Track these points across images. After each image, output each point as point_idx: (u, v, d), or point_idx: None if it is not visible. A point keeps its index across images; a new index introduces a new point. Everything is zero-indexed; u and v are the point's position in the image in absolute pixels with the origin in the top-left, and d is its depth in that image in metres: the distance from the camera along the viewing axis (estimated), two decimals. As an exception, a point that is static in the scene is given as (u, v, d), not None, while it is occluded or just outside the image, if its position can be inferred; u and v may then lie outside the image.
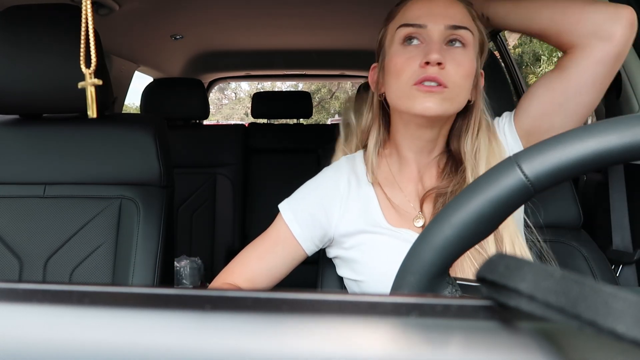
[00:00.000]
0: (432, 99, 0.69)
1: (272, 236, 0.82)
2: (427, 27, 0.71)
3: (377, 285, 0.74)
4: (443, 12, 0.72)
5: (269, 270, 0.80)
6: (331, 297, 0.23)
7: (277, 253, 0.80)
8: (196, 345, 0.18)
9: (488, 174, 0.37)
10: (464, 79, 0.71)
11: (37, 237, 1.04)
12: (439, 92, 0.69)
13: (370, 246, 0.76)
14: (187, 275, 1.89)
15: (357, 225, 0.78)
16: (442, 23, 0.71)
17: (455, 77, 0.70)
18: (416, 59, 0.70)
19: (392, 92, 0.74)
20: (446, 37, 0.71)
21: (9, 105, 1.03)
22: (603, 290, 0.19)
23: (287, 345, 0.19)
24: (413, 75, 0.70)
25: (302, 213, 0.80)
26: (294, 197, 0.83)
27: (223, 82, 3.51)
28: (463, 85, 0.71)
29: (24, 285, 0.22)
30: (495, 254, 0.24)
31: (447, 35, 0.71)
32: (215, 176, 2.20)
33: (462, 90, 0.72)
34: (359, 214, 0.78)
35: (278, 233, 0.81)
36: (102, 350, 0.18)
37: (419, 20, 0.72)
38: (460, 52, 0.71)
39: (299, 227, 0.80)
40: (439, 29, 0.71)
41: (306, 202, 0.81)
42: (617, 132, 0.34)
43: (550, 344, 0.19)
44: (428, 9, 0.73)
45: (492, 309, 0.22)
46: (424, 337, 0.20)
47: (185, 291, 0.23)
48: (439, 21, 0.71)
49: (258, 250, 0.81)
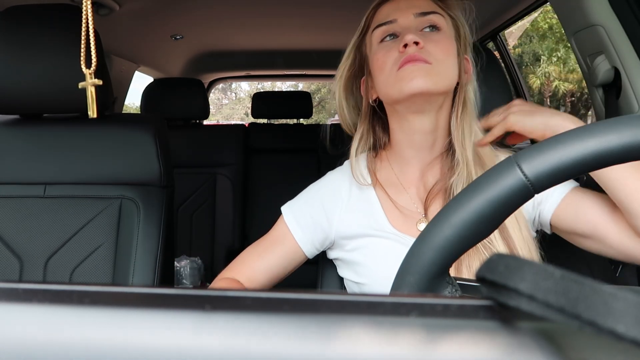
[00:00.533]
0: (419, 74, 0.70)
1: (273, 237, 0.82)
2: (397, 20, 0.75)
3: (379, 289, 0.74)
4: (408, 4, 0.76)
5: (268, 269, 0.80)
6: (331, 297, 0.23)
7: (277, 253, 0.80)
8: (196, 345, 0.19)
9: (488, 174, 0.37)
10: (445, 55, 0.72)
11: (38, 237, 1.04)
12: (423, 65, 0.70)
13: (373, 250, 0.76)
14: (187, 275, 1.89)
15: (359, 228, 0.78)
16: (410, 13, 0.75)
17: (435, 53, 0.71)
18: (395, 49, 0.73)
19: (381, 87, 0.76)
20: (418, 25, 0.74)
21: (9, 105, 1.03)
22: (603, 290, 0.19)
23: (287, 345, 0.19)
24: (395, 62, 0.72)
25: (303, 217, 0.81)
26: (296, 200, 0.84)
27: (223, 82, 3.51)
28: (445, 61, 0.72)
29: (24, 285, 0.22)
30: (495, 254, 0.24)
31: (418, 23, 0.74)
32: (215, 176, 2.20)
33: (447, 66, 0.73)
34: (362, 217, 0.78)
35: (279, 234, 0.82)
36: (102, 350, 0.18)
37: (388, 17, 0.76)
38: (436, 34, 0.74)
39: (300, 230, 0.80)
40: (408, 19, 0.75)
41: (308, 205, 0.82)
42: (617, 132, 0.34)
43: (550, 344, 0.19)
44: (395, 6, 0.77)
45: (492, 308, 0.22)
46: (424, 337, 0.20)
47: (185, 291, 0.23)
48: (406, 12, 0.75)
49: (259, 250, 0.82)
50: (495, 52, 2.10)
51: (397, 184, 0.80)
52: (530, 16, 1.74)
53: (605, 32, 1.00)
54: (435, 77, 0.71)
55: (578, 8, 1.03)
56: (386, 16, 0.76)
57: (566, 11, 1.11)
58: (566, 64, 10.13)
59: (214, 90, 3.52)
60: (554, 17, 8.51)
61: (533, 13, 1.69)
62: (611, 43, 1.00)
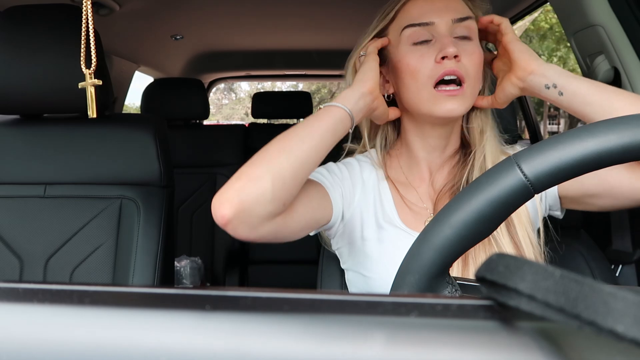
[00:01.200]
0: (455, 101, 0.69)
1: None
2: (434, 23, 0.70)
3: (383, 284, 0.73)
4: (444, 6, 0.71)
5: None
6: (331, 297, 0.23)
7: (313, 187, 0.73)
8: (196, 345, 0.19)
9: (488, 174, 0.37)
10: (477, 69, 0.71)
11: (38, 237, 1.04)
12: (461, 94, 0.69)
13: (381, 243, 0.75)
14: (187, 275, 1.89)
15: (371, 216, 0.77)
16: (448, 17, 0.70)
17: (470, 69, 0.70)
18: (430, 56, 0.70)
19: (409, 93, 0.73)
20: (453, 32, 0.71)
21: (10, 105, 1.03)
22: (603, 290, 0.19)
23: (288, 345, 0.19)
24: (431, 73, 0.69)
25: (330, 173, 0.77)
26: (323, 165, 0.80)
27: (223, 82, 3.51)
28: (477, 76, 0.72)
29: (24, 285, 0.22)
30: (495, 254, 0.24)
31: (454, 28, 0.71)
32: (215, 176, 2.20)
33: (477, 81, 0.72)
34: (374, 207, 0.77)
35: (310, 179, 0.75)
36: (102, 350, 0.18)
37: (424, 18, 0.71)
38: (469, 44, 0.71)
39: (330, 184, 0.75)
40: (446, 24, 0.70)
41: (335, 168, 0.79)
42: (617, 132, 0.34)
43: (550, 344, 0.19)
44: (430, 6, 0.72)
45: (492, 308, 0.22)
46: (424, 337, 0.20)
47: (185, 291, 0.23)
48: (444, 16, 0.70)
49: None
50: (495, 52, 2.10)
51: (405, 182, 0.79)
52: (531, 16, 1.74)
53: (605, 32, 1.00)
54: (468, 100, 0.70)
55: (578, 8, 1.03)
56: (421, 15, 0.71)
57: (566, 11, 1.11)
58: (566, 64, 10.14)
59: (214, 90, 3.52)
60: (554, 16, 8.52)
61: (533, 13, 1.69)
62: (611, 43, 1.00)
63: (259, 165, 0.61)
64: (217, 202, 0.60)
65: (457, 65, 0.68)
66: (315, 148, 0.64)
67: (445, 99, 0.69)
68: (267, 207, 0.60)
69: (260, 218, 0.61)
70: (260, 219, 0.61)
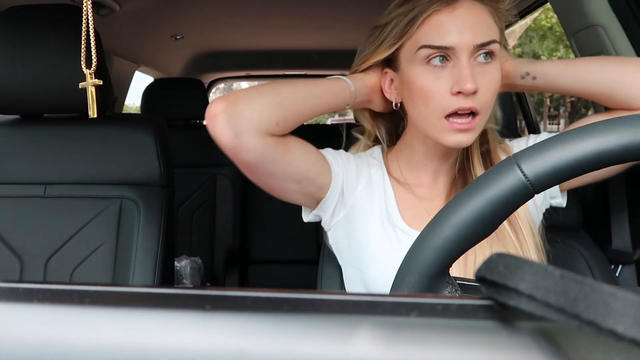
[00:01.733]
0: (465, 135, 0.67)
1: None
2: (455, 49, 0.65)
3: (381, 283, 0.73)
4: (468, 26, 0.65)
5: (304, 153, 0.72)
6: (331, 297, 0.23)
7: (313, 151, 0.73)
8: (196, 345, 0.19)
9: (488, 174, 0.37)
10: (494, 95, 0.68)
11: (38, 237, 1.04)
12: (472, 127, 0.66)
13: (383, 242, 0.75)
14: (187, 275, 1.89)
15: (376, 214, 0.76)
16: (470, 42, 0.64)
17: (487, 99, 0.66)
18: (445, 83, 0.65)
19: (418, 114, 0.70)
20: (474, 54, 0.66)
21: (10, 105, 1.03)
22: (603, 290, 0.19)
23: (288, 345, 0.19)
24: (444, 104, 0.65)
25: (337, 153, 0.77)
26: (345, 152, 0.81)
27: (223, 82, 3.51)
28: (491, 101, 0.68)
29: (24, 285, 0.22)
30: (495, 254, 0.24)
31: (475, 52, 0.66)
32: (215, 176, 2.20)
33: (490, 107, 0.69)
34: (380, 206, 0.77)
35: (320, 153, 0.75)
36: (102, 350, 0.18)
37: (444, 42, 0.65)
38: (489, 65, 0.67)
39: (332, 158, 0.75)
40: (468, 49, 0.65)
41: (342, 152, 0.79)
42: (617, 132, 0.34)
43: (550, 344, 0.19)
44: (452, 24, 0.65)
45: (492, 308, 0.22)
46: (424, 337, 0.20)
47: (185, 291, 0.23)
48: (466, 39, 0.64)
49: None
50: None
51: (407, 182, 0.79)
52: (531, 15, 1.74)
53: (605, 32, 1.00)
54: (478, 129, 0.68)
55: (578, 8, 1.03)
56: (441, 37, 0.65)
57: (566, 11, 1.11)
58: (566, 64, 10.16)
59: (214, 90, 3.52)
60: (554, 16, 8.53)
61: (534, 12, 1.69)
62: (611, 43, 1.00)
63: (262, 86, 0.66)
64: (214, 99, 0.63)
65: (473, 101, 0.65)
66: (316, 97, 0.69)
67: (455, 132, 0.66)
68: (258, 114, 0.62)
69: (248, 124, 0.61)
70: (248, 126, 0.61)
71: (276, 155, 0.65)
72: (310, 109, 0.68)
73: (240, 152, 0.64)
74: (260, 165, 0.66)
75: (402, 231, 0.75)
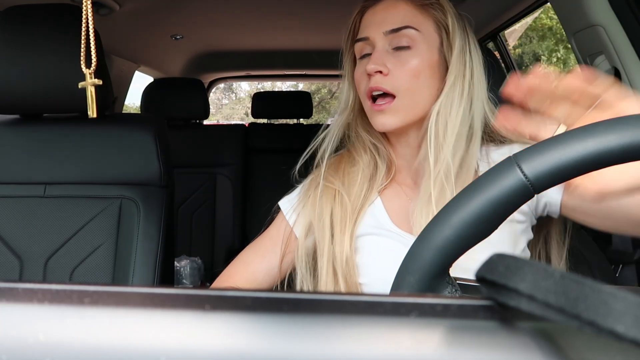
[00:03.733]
0: (385, 115, 0.70)
1: (274, 235, 0.81)
2: (369, 38, 0.73)
3: (379, 289, 0.73)
4: (382, 18, 0.72)
5: (270, 269, 0.79)
6: (331, 297, 0.23)
7: (278, 251, 0.80)
8: (196, 345, 0.19)
9: (488, 174, 0.37)
10: (413, 79, 0.70)
11: (38, 237, 1.04)
12: (389, 107, 0.70)
13: (373, 250, 0.75)
14: (187, 275, 1.89)
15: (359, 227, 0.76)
16: (380, 30, 0.71)
17: (402, 81, 0.70)
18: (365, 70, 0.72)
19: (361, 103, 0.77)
20: (391, 43, 0.71)
21: (9, 105, 1.03)
22: (603, 290, 0.19)
23: (287, 345, 0.19)
24: (365, 88, 0.72)
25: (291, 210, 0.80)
26: (294, 194, 0.83)
27: (223, 82, 3.51)
28: (414, 87, 0.70)
29: (24, 285, 0.22)
30: (495, 254, 0.24)
31: (390, 40, 0.71)
32: (215, 176, 2.20)
33: (415, 92, 0.70)
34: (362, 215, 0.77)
35: (279, 231, 0.81)
36: (102, 350, 0.18)
37: (362, 34, 0.74)
38: (406, 53, 0.70)
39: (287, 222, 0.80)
40: (379, 37, 0.71)
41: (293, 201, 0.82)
42: (617, 132, 0.34)
43: (550, 344, 0.19)
44: (370, 19, 0.74)
45: (492, 309, 0.22)
46: (424, 337, 0.20)
47: (185, 291, 0.23)
48: (377, 29, 0.72)
49: (260, 250, 0.81)
50: (495, 52, 2.10)
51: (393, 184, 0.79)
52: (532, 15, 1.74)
53: (605, 32, 1.00)
54: (401, 112, 0.70)
55: (578, 8, 1.03)
56: (362, 31, 0.75)
57: (566, 11, 1.11)
58: (566, 64, 10.16)
59: (214, 90, 3.52)
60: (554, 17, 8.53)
61: (534, 13, 1.69)
62: (611, 43, 1.00)
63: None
64: None
65: (382, 81, 0.69)
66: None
67: (377, 114, 0.71)
68: None
69: None
70: None
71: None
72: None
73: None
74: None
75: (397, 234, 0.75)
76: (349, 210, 0.74)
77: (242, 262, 0.82)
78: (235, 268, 0.81)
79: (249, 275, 0.80)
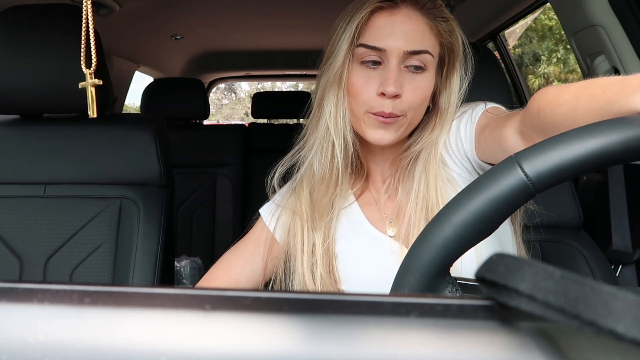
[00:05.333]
0: (387, 131, 0.68)
1: (256, 238, 0.81)
2: (386, 51, 0.67)
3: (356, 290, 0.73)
4: (402, 33, 0.67)
5: (253, 272, 0.79)
6: (331, 297, 0.23)
7: (261, 255, 0.79)
8: (196, 345, 0.19)
9: (488, 174, 0.37)
10: (421, 102, 0.69)
11: (38, 237, 1.04)
12: (393, 122, 0.68)
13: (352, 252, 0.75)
14: (187, 275, 1.89)
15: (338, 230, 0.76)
16: (401, 48, 0.66)
17: (411, 103, 0.68)
18: (374, 83, 0.68)
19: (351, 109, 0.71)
20: (404, 60, 0.67)
21: (9, 105, 1.03)
22: (603, 290, 0.19)
23: (287, 345, 0.19)
24: (369, 102, 0.68)
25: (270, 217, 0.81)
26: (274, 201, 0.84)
27: (223, 82, 3.51)
28: (419, 108, 0.70)
29: (24, 285, 0.22)
30: (495, 254, 0.24)
31: (406, 58, 0.67)
32: (215, 176, 2.20)
33: (418, 112, 0.70)
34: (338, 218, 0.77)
35: (261, 235, 0.81)
36: (102, 350, 0.18)
37: (378, 43, 0.67)
38: (419, 75, 0.68)
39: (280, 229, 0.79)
40: (398, 54, 0.67)
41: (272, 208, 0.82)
42: (618, 131, 0.34)
43: (550, 344, 0.19)
44: (389, 29, 0.67)
45: (492, 309, 0.22)
46: (424, 337, 0.20)
47: (185, 291, 0.23)
48: (398, 44, 0.66)
49: (243, 254, 0.81)
50: (495, 52, 2.10)
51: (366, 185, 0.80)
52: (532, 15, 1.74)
53: (605, 32, 1.00)
54: (402, 129, 0.69)
55: (578, 8, 1.03)
56: (376, 39, 0.67)
57: (566, 11, 1.11)
58: (566, 64, 10.16)
59: (214, 90, 3.52)
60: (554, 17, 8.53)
61: (534, 13, 1.69)
62: (611, 43, 1.00)
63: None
64: None
65: (393, 106, 0.66)
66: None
67: (377, 125, 0.68)
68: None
69: None
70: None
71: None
72: None
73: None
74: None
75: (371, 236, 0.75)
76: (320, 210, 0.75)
77: (225, 265, 0.81)
78: (218, 272, 0.80)
79: (232, 278, 0.79)
